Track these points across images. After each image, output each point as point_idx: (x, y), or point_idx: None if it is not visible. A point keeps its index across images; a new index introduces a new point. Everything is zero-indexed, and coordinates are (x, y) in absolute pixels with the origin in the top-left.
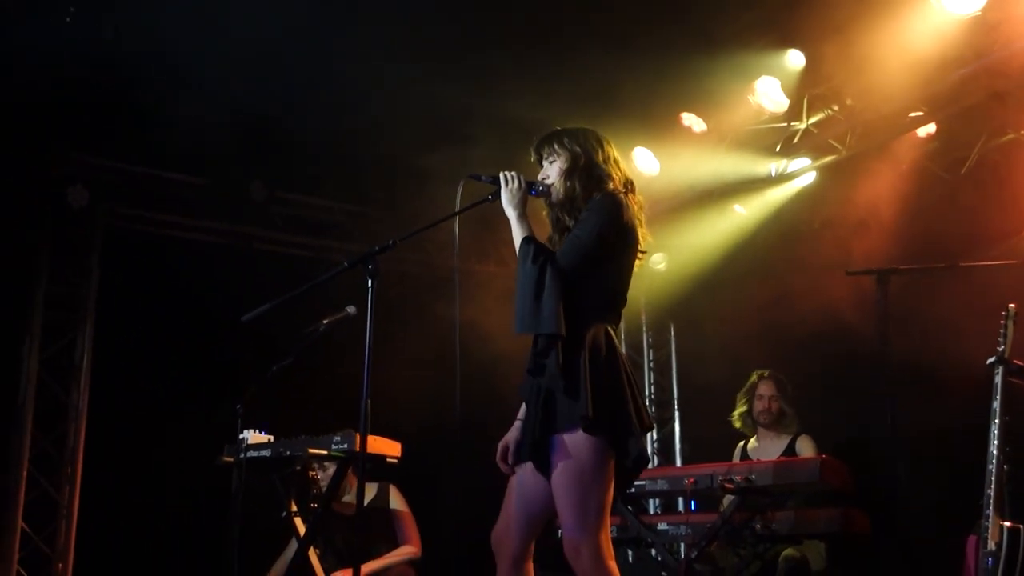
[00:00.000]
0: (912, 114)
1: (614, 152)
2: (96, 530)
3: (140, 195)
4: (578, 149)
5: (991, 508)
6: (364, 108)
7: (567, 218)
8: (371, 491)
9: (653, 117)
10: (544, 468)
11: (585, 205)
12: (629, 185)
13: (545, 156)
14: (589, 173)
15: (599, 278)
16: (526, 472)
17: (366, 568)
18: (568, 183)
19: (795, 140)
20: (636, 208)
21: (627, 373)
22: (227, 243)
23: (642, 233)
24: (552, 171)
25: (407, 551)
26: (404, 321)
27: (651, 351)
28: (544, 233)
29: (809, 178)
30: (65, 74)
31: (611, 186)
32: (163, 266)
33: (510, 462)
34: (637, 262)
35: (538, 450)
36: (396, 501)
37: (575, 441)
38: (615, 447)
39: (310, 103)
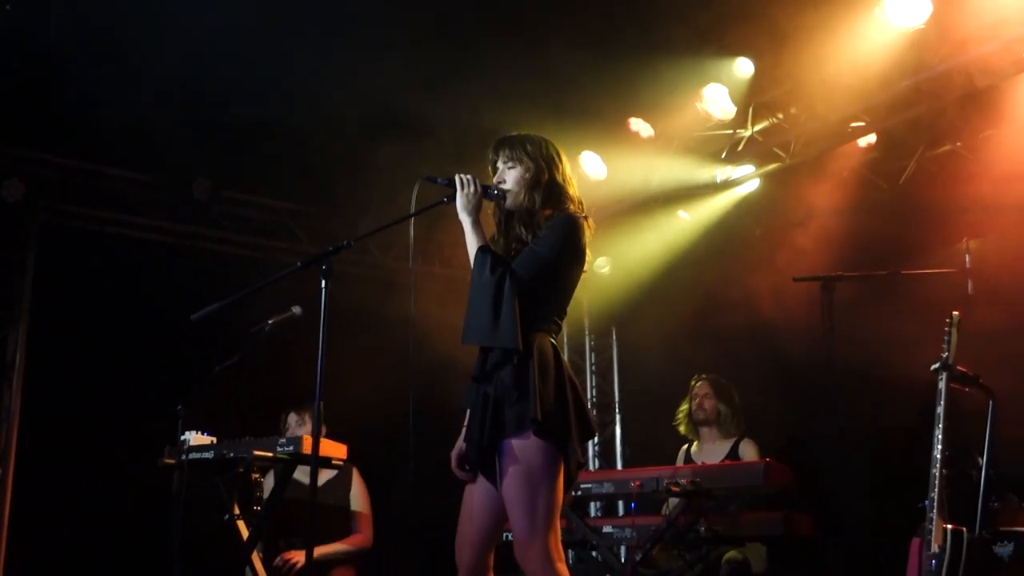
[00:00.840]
0: (853, 124)
1: (568, 167)
2: (30, 535)
3: (79, 190)
4: (541, 162)
5: (935, 511)
6: (312, 107)
7: (523, 230)
8: (331, 471)
9: (601, 121)
10: (492, 475)
11: (544, 219)
12: (581, 204)
13: (503, 159)
14: (551, 190)
15: (548, 293)
16: (478, 483)
17: (318, 551)
18: (529, 196)
19: (740, 147)
20: (589, 231)
21: (572, 382)
22: (169, 241)
23: (588, 250)
24: (510, 177)
25: (358, 541)
26: (348, 322)
27: (593, 354)
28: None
29: (753, 185)
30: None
31: (571, 207)
32: (102, 264)
33: (466, 468)
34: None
35: (485, 457)
36: (357, 485)
37: (524, 445)
38: (562, 453)
39: (257, 100)
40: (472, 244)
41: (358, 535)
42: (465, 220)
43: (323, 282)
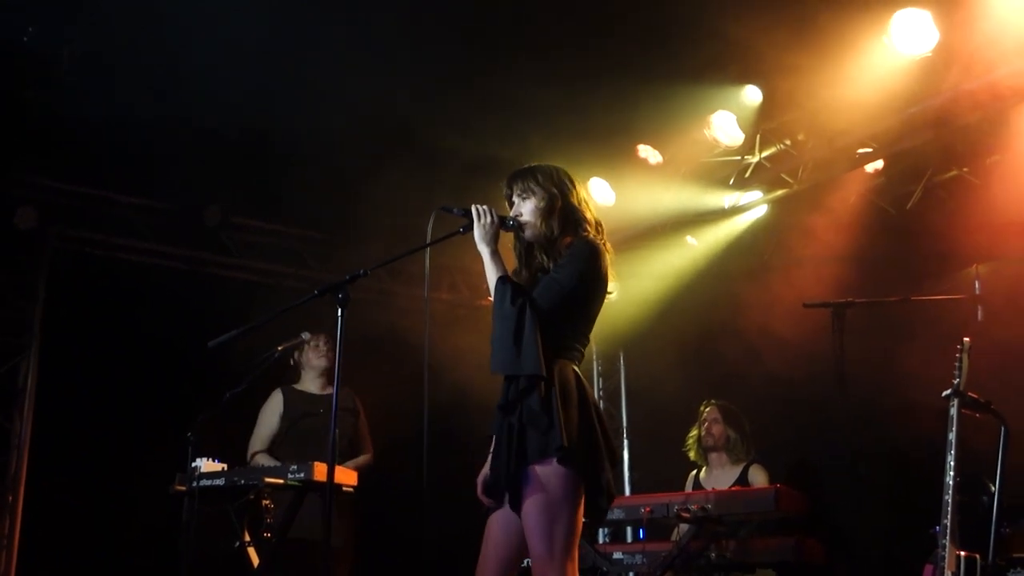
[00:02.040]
0: (861, 150)
1: (585, 192)
2: (39, 562)
3: (91, 217)
4: (555, 190)
5: (947, 538)
6: (323, 132)
7: (545, 258)
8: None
9: (610, 148)
10: (515, 502)
11: (563, 246)
12: (600, 227)
13: (518, 192)
14: (566, 215)
15: (569, 320)
16: (501, 511)
17: (354, 463)
18: (547, 224)
19: (747, 174)
20: (608, 254)
21: (596, 409)
22: (180, 268)
23: (611, 274)
24: (525, 208)
25: (370, 459)
26: (357, 348)
27: (600, 379)
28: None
29: (761, 211)
30: (14, 93)
31: (589, 231)
32: (113, 291)
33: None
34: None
35: (509, 485)
36: (361, 410)
37: (546, 472)
38: (586, 481)
39: (268, 127)
40: (492, 275)
41: (369, 454)
42: (483, 251)
43: (339, 310)
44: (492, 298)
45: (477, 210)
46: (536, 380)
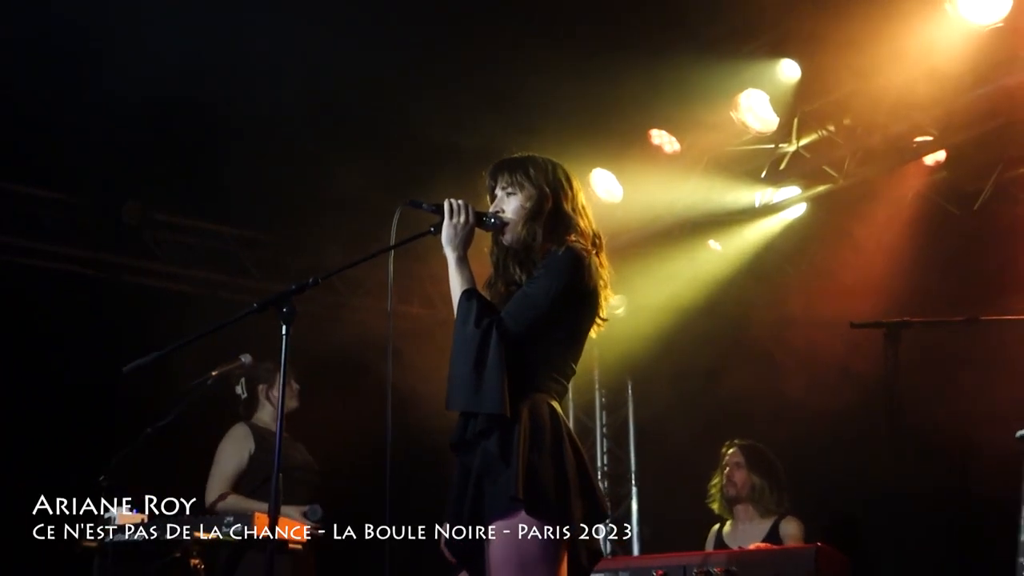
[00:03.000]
0: (919, 138)
1: (583, 196)
2: None
3: None
4: (546, 189)
5: None
6: (269, 115)
7: (518, 268)
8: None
9: (617, 133)
10: (478, 563)
11: (541, 256)
12: (597, 240)
13: (503, 185)
14: (555, 220)
15: (548, 345)
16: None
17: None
18: (529, 227)
19: (783, 165)
20: (602, 269)
21: (577, 453)
22: (92, 274)
23: (605, 296)
24: (510, 205)
25: None
26: (309, 373)
27: (604, 414)
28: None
29: (799, 210)
30: None
31: (575, 240)
32: (11, 300)
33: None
34: (594, 328)
35: (469, 543)
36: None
37: (515, 528)
38: (563, 536)
39: (201, 106)
40: (456, 286)
41: None
42: (450, 255)
43: (283, 327)
44: (455, 316)
45: (451, 205)
46: (496, 420)
